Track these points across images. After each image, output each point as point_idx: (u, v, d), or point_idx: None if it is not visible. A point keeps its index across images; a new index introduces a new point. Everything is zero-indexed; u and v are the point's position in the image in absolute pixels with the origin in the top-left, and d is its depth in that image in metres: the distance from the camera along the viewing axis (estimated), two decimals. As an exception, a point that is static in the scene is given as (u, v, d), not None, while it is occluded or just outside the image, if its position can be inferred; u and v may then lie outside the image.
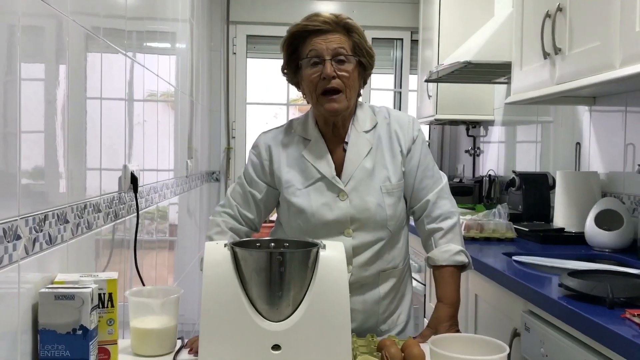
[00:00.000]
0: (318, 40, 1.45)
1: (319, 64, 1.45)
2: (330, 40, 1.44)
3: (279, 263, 1.12)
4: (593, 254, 2.03)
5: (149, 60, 2.14)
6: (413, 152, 1.54)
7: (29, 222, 1.09)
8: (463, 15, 3.37)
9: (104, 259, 1.61)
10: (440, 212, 1.54)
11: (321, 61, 1.44)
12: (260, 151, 1.56)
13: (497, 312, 1.84)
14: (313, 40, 1.45)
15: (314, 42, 1.45)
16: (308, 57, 1.46)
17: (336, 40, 1.45)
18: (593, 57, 1.69)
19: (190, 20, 3.06)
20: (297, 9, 4.01)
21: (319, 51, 1.44)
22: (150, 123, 2.21)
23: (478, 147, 3.74)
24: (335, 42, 1.45)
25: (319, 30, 1.45)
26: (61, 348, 1.09)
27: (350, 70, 1.45)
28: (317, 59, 1.45)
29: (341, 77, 1.44)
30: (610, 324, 1.18)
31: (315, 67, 1.45)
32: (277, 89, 4.20)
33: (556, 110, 2.67)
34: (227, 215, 1.56)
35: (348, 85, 1.46)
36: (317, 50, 1.44)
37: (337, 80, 1.44)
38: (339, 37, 1.46)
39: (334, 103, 1.45)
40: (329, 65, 1.43)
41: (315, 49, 1.45)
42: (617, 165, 2.18)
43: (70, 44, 1.34)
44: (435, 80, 3.19)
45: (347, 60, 1.45)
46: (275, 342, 1.11)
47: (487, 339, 1.14)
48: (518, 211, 2.61)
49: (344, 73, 1.44)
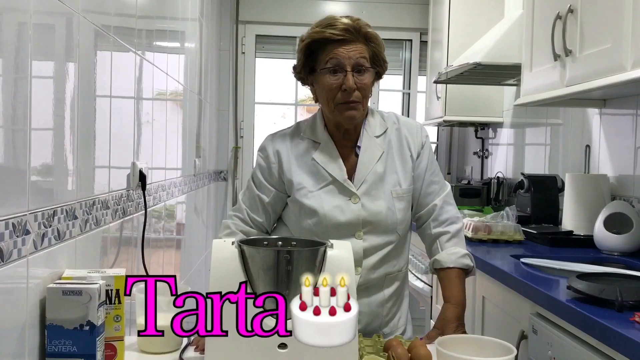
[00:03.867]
0: (340, 50, 1.44)
1: (339, 73, 1.45)
2: (352, 50, 1.44)
3: (287, 261, 1.12)
4: (602, 257, 2.02)
5: (159, 58, 2.15)
6: (422, 157, 1.56)
7: (38, 218, 1.10)
8: (473, 17, 3.35)
9: (112, 255, 1.61)
10: (447, 216, 1.55)
11: (342, 71, 1.44)
12: (269, 154, 1.56)
13: (505, 314, 1.83)
14: (334, 48, 1.44)
15: (335, 51, 1.44)
16: (327, 67, 1.45)
17: (357, 51, 1.45)
18: (604, 59, 1.68)
19: (199, 20, 3.07)
20: (306, 9, 4.01)
21: (340, 61, 1.44)
22: (159, 121, 2.21)
23: (486, 149, 3.73)
24: (356, 52, 1.44)
25: (341, 40, 1.44)
26: (68, 343, 1.09)
27: (367, 82, 1.47)
28: (337, 67, 1.45)
29: (360, 89, 1.45)
30: (619, 327, 1.17)
31: (334, 75, 1.45)
32: (285, 89, 4.20)
33: (566, 113, 2.66)
34: (238, 219, 1.57)
35: (365, 95, 1.48)
36: (338, 60, 1.44)
37: (357, 92, 1.45)
38: (360, 47, 1.45)
39: (354, 111, 1.46)
40: (351, 77, 1.44)
41: (336, 58, 1.44)
42: (627, 169, 2.17)
43: (81, 41, 1.34)
44: (444, 82, 3.19)
45: (366, 71, 1.46)
46: (282, 341, 1.11)
47: (494, 341, 1.13)
48: (526, 213, 2.60)
49: (363, 84, 1.46)
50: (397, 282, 1.56)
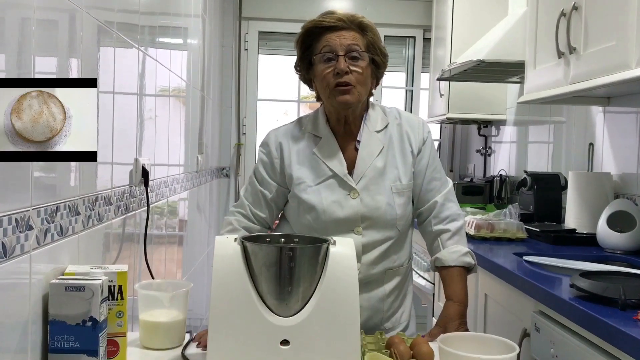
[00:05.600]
0: (332, 37, 1.45)
1: (333, 60, 1.45)
2: (344, 37, 1.45)
3: (289, 258, 1.12)
4: (605, 255, 2.01)
5: (161, 55, 2.14)
6: (423, 153, 1.55)
7: (40, 213, 1.10)
8: (476, 14, 3.35)
9: (114, 252, 1.61)
10: (448, 213, 1.55)
11: (335, 57, 1.44)
12: (271, 149, 1.55)
13: (507, 312, 1.83)
14: (327, 36, 1.46)
15: (327, 38, 1.46)
16: (322, 53, 1.46)
17: (350, 37, 1.45)
18: (608, 56, 1.67)
19: (202, 16, 3.06)
20: (309, 5, 4.01)
21: (332, 47, 1.45)
22: (162, 118, 2.21)
23: (489, 147, 3.72)
24: (349, 38, 1.45)
25: (333, 27, 1.45)
26: (71, 339, 1.09)
27: (363, 67, 1.46)
28: (330, 54, 1.45)
29: (354, 73, 1.44)
30: (622, 325, 1.17)
31: (328, 63, 1.46)
32: (288, 85, 4.20)
33: (569, 111, 2.65)
34: (240, 215, 1.57)
35: (360, 81, 1.46)
36: (330, 46, 1.45)
37: (350, 75, 1.44)
38: (353, 34, 1.46)
39: (347, 95, 1.45)
40: (342, 60, 1.44)
41: (329, 44, 1.45)
42: (631, 167, 2.16)
43: (84, 37, 1.34)
44: (448, 79, 3.18)
45: (360, 56, 1.45)
46: (284, 337, 1.11)
47: (496, 339, 1.13)
48: (529, 211, 2.59)
49: (357, 69, 1.45)
50: (398, 277, 1.56)
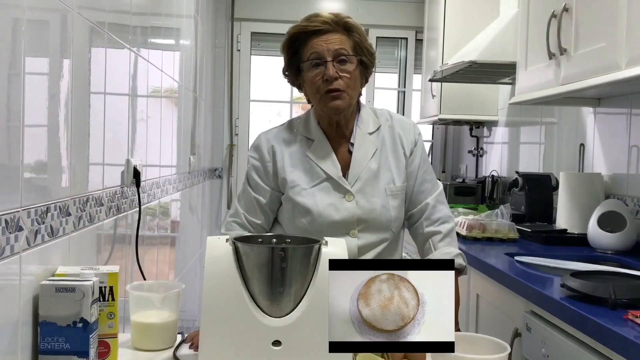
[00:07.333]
0: (319, 42, 1.45)
1: (321, 66, 1.45)
2: (331, 41, 1.45)
3: (281, 259, 1.11)
4: (596, 255, 2.02)
5: (153, 55, 2.14)
6: (414, 155, 1.56)
7: (31, 214, 1.09)
8: (468, 15, 3.36)
9: (105, 253, 1.61)
10: (439, 215, 1.55)
11: (323, 62, 1.44)
12: (263, 153, 1.55)
13: (499, 312, 1.84)
14: (313, 41, 1.45)
15: (314, 44, 1.45)
16: (309, 60, 1.45)
17: (337, 41, 1.45)
18: (599, 57, 1.69)
19: (194, 17, 3.06)
20: (301, 6, 4.01)
21: (320, 53, 1.44)
22: (154, 118, 2.20)
23: (481, 148, 3.74)
24: (336, 42, 1.45)
25: (319, 30, 1.45)
26: (61, 340, 1.09)
27: (351, 71, 1.46)
28: (318, 60, 1.45)
29: (343, 78, 1.45)
30: (612, 325, 1.18)
31: (317, 69, 1.45)
32: (280, 86, 4.19)
33: (560, 112, 2.66)
34: (236, 225, 1.56)
35: (350, 85, 1.46)
36: (318, 52, 1.45)
37: (339, 81, 1.44)
38: (339, 37, 1.46)
39: (338, 101, 1.45)
40: (331, 66, 1.44)
41: (316, 50, 1.45)
42: (621, 167, 2.18)
43: (75, 38, 1.34)
44: (440, 80, 3.19)
45: (348, 60, 1.45)
46: (276, 338, 1.11)
47: (488, 338, 1.14)
48: (521, 212, 2.61)
49: (346, 74, 1.45)
50: None
